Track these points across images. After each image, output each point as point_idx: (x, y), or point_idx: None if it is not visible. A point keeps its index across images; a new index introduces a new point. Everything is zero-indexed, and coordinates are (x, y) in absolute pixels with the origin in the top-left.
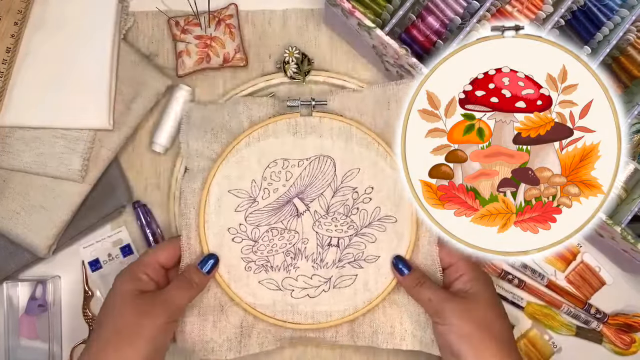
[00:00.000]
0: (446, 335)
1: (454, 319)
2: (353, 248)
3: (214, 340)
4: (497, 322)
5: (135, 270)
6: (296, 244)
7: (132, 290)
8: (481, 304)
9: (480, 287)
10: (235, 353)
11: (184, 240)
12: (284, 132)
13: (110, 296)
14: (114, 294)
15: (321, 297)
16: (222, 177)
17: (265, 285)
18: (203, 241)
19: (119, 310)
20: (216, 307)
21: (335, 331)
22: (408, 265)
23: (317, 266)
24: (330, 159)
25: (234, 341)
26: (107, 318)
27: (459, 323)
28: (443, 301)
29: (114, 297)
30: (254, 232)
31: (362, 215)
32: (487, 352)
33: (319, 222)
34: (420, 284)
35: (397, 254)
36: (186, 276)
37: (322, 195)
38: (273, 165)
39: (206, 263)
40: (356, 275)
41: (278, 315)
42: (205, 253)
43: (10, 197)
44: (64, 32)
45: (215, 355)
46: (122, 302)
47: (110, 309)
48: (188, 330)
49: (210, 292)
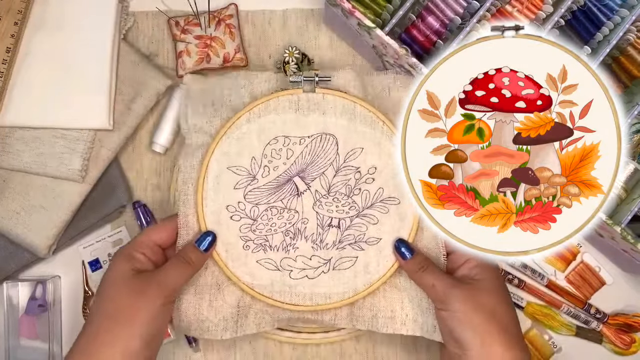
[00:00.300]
0: (449, 321)
1: (459, 305)
2: (354, 229)
3: (210, 319)
4: (502, 309)
5: (130, 250)
6: (296, 223)
7: (127, 270)
8: (487, 291)
9: (486, 274)
10: (231, 333)
11: (181, 217)
12: (286, 109)
13: (105, 277)
14: (109, 274)
15: (320, 279)
16: (221, 154)
17: (264, 265)
18: (201, 218)
19: (115, 291)
20: (213, 286)
21: (334, 314)
22: (411, 248)
23: (316, 247)
24: (333, 137)
25: (230, 321)
26: (102, 300)
27: (464, 309)
28: (447, 287)
29: (109, 278)
30: (252, 211)
31: (365, 196)
32: (492, 340)
33: (320, 202)
34: (423, 268)
35: (400, 237)
36: (183, 255)
37: (323, 175)
38: (274, 143)
39: (203, 240)
40: (357, 257)
41: (276, 296)
42: (203, 230)
43: (10, 197)
44: (64, 32)
45: (211, 335)
46: (117, 282)
47: (106, 289)
48: (184, 308)
49: (207, 270)
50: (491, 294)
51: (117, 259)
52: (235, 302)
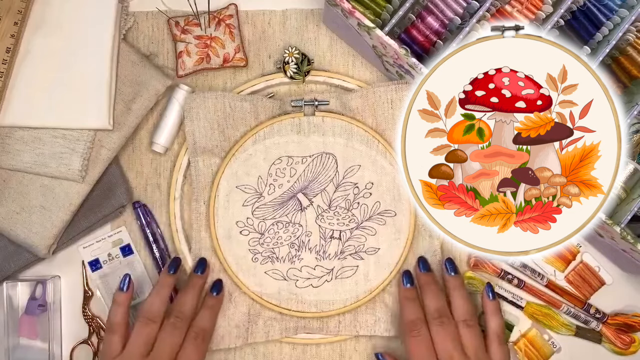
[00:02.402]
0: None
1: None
2: (354, 240)
3: (223, 326)
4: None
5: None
6: (300, 236)
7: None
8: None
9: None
10: (242, 340)
11: (194, 233)
12: (288, 131)
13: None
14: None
15: (324, 287)
16: (230, 174)
17: (271, 276)
18: (213, 234)
19: None
20: (225, 297)
21: (338, 321)
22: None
23: (320, 257)
24: (332, 156)
25: (241, 328)
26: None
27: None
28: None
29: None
30: (260, 226)
31: (363, 209)
32: None
33: (322, 216)
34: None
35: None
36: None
37: (324, 191)
38: (278, 162)
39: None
40: (357, 266)
41: (283, 304)
42: (215, 245)
43: (10, 197)
44: (64, 32)
45: (224, 343)
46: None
47: None
48: None
49: None
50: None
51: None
52: (246, 310)
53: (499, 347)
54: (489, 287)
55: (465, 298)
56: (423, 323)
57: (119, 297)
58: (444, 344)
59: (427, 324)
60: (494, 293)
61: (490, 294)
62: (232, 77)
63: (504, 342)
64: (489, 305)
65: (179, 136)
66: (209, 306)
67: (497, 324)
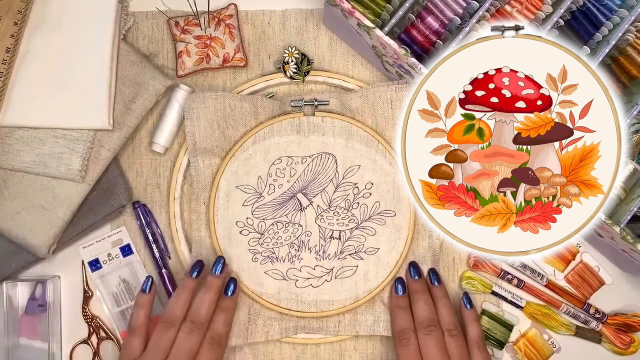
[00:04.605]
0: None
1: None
2: (354, 240)
3: None
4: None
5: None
6: (300, 236)
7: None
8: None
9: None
10: (242, 340)
11: (194, 232)
12: (288, 131)
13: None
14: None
15: (324, 287)
16: (230, 174)
17: (271, 275)
18: (213, 234)
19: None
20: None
21: (337, 321)
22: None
23: (319, 257)
24: (332, 156)
25: (242, 327)
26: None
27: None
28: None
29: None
30: (260, 226)
31: (363, 209)
32: None
33: (322, 216)
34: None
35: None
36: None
37: (324, 191)
38: (278, 163)
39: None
40: (357, 266)
41: (283, 304)
42: (215, 245)
43: (10, 197)
44: (64, 32)
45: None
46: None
47: None
48: None
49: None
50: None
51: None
52: (247, 309)
53: (480, 353)
54: (466, 296)
55: (449, 307)
56: (413, 332)
57: (141, 299)
58: (431, 352)
59: (416, 332)
60: (471, 303)
61: (468, 304)
62: (232, 77)
63: (485, 349)
64: (466, 314)
65: (178, 136)
66: (223, 308)
67: (475, 331)
